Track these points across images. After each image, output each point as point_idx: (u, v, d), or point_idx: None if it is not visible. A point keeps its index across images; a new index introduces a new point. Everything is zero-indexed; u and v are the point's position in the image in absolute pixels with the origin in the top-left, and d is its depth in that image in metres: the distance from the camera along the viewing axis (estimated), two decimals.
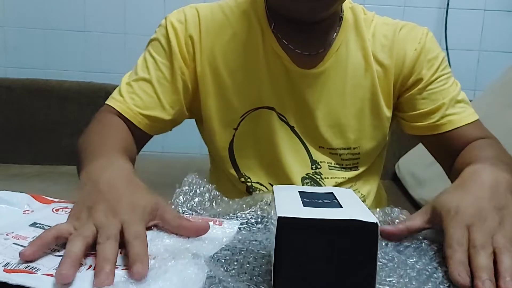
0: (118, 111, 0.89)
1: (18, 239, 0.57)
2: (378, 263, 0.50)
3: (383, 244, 0.62)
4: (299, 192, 0.54)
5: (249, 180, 0.97)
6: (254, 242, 0.60)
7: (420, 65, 0.92)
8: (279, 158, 0.94)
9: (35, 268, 0.51)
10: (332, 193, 0.54)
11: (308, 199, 0.51)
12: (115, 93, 0.92)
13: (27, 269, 0.51)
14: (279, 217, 0.44)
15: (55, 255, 0.54)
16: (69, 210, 0.66)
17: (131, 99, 0.89)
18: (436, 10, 2.14)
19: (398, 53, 0.92)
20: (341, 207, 0.49)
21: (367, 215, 0.45)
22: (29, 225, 0.61)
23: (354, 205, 0.50)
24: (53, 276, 0.48)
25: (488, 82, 1.85)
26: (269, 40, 0.91)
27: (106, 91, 2.10)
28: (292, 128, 0.94)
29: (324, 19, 0.89)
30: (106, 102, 0.92)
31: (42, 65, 2.28)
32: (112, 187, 0.60)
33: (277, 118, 0.92)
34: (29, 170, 2.03)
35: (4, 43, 2.29)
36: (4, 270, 0.50)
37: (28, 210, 0.67)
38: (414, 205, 1.67)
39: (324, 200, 0.52)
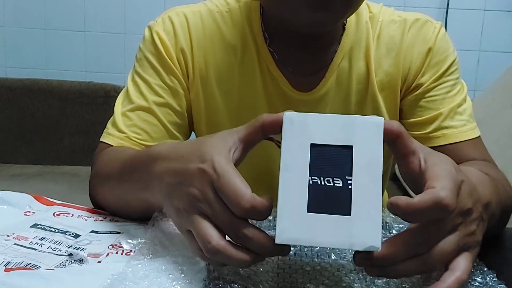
0: None
1: (19, 239, 0.58)
2: None
3: None
4: (310, 169, 0.44)
5: None
6: None
7: (425, 69, 0.81)
8: (277, 188, 0.84)
9: (35, 266, 0.52)
10: (350, 158, 0.44)
11: (316, 191, 0.44)
12: (110, 128, 0.78)
13: (27, 266, 0.51)
14: (276, 244, 0.44)
15: (56, 254, 0.55)
16: (70, 215, 0.66)
17: (134, 133, 0.77)
18: (436, 10, 2.15)
19: (405, 59, 0.81)
20: (349, 214, 0.43)
21: (371, 235, 0.43)
22: (30, 226, 0.61)
23: (365, 207, 0.43)
24: (53, 270, 0.49)
25: (488, 82, 1.86)
26: (265, 59, 0.80)
27: (106, 90, 2.10)
28: None
29: (328, 32, 0.78)
30: (102, 140, 0.78)
31: (43, 65, 2.28)
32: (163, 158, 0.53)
33: (275, 146, 0.84)
34: (30, 170, 2.03)
35: (4, 43, 2.29)
36: (4, 270, 0.50)
37: (29, 212, 0.67)
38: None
39: (335, 183, 0.44)
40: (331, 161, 0.44)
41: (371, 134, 0.45)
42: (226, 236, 0.47)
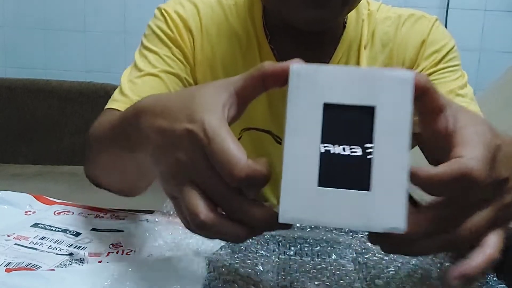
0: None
1: (19, 239, 0.58)
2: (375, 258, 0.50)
3: None
4: (321, 134, 0.36)
5: None
6: (253, 241, 0.60)
7: (419, 60, 0.82)
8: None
9: (36, 266, 0.52)
10: (371, 122, 0.36)
11: (329, 161, 0.36)
12: (116, 95, 0.77)
13: (28, 267, 0.51)
14: (280, 222, 0.37)
15: (56, 254, 0.55)
16: (71, 213, 0.66)
17: (138, 96, 0.74)
18: (437, 10, 2.15)
19: (398, 53, 0.83)
20: (368, 189, 0.36)
21: (394, 215, 0.36)
22: (31, 226, 0.61)
23: (388, 181, 0.36)
24: (54, 270, 0.49)
25: (488, 82, 1.85)
26: (266, 56, 0.81)
27: (106, 90, 2.10)
28: None
29: (328, 30, 0.79)
30: (107, 106, 0.76)
31: (42, 65, 2.28)
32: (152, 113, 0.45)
33: (273, 140, 0.83)
34: (30, 170, 2.03)
35: (4, 43, 2.29)
36: (5, 270, 0.50)
37: (29, 211, 0.67)
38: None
39: (352, 152, 0.36)
40: (347, 124, 0.36)
41: (398, 93, 0.36)
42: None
